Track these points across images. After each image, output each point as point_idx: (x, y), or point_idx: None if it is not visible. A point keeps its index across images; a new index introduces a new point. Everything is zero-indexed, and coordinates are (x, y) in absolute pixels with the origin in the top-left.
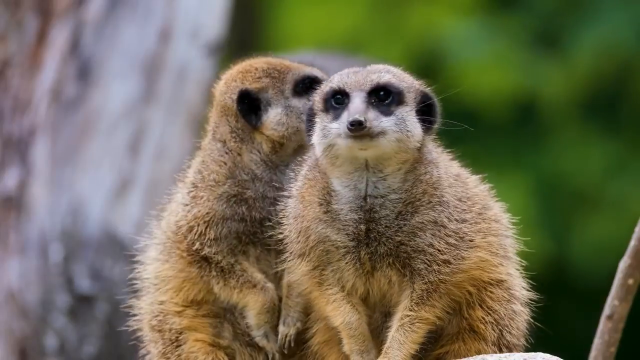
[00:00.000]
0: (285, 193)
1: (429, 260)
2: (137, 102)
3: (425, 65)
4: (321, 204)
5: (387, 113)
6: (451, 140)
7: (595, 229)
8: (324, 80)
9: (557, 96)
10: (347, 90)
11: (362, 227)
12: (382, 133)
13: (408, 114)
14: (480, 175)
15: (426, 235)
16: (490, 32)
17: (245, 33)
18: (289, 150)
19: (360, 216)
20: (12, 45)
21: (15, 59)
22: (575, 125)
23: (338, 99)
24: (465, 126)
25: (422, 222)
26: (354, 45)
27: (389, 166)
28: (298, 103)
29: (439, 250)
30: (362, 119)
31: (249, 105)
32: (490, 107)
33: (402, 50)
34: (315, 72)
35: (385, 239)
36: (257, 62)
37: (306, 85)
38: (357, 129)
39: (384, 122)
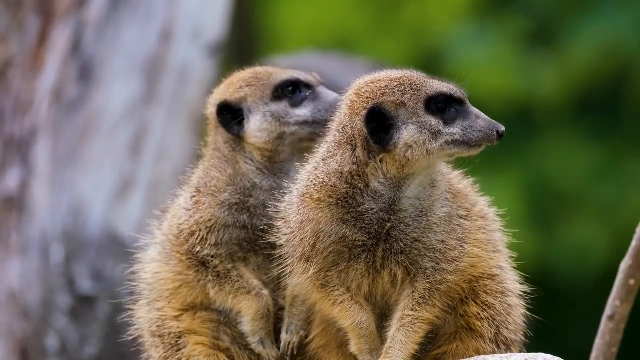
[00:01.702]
0: (289, 196)
1: (438, 259)
2: (138, 103)
3: (420, 65)
4: (344, 206)
5: None
6: None
7: (578, 230)
8: (307, 82)
9: (553, 96)
10: (464, 98)
11: (389, 224)
12: None
13: None
14: (462, 170)
15: (440, 230)
16: (486, 33)
17: (241, 33)
18: (282, 156)
19: (390, 216)
20: (14, 46)
21: (16, 60)
22: (571, 126)
23: (447, 105)
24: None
25: (439, 218)
26: (347, 44)
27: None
28: (278, 108)
29: (449, 248)
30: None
31: (233, 116)
32: (487, 107)
33: (398, 47)
34: (297, 75)
35: (403, 236)
36: (243, 73)
37: (288, 89)
38: (499, 138)
39: None
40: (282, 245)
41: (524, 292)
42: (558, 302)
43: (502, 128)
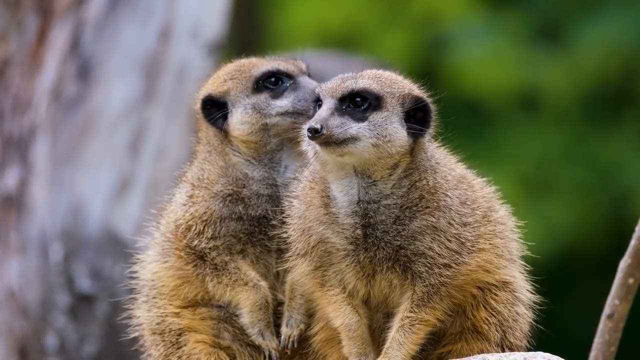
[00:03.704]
0: (290, 193)
1: (429, 264)
2: (137, 102)
3: (425, 59)
4: (321, 206)
5: (360, 119)
6: (452, 135)
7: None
8: (288, 72)
9: (557, 93)
10: (321, 96)
11: (359, 232)
12: (354, 139)
13: (385, 119)
14: (486, 178)
15: (425, 240)
16: (492, 28)
17: (247, 32)
18: (269, 147)
19: (355, 221)
20: (13, 45)
21: (15, 59)
22: (574, 122)
23: (317, 105)
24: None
25: (421, 227)
26: (354, 38)
27: (376, 171)
28: (258, 100)
29: (438, 254)
30: (317, 126)
31: (219, 110)
32: (491, 102)
33: (403, 43)
34: (278, 65)
35: (384, 243)
36: (228, 67)
37: (269, 81)
38: (314, 136)
39: (353, 129)
40: (287, 239)
41: (534, 302)
42: (557, 302)
43: (311, 125)
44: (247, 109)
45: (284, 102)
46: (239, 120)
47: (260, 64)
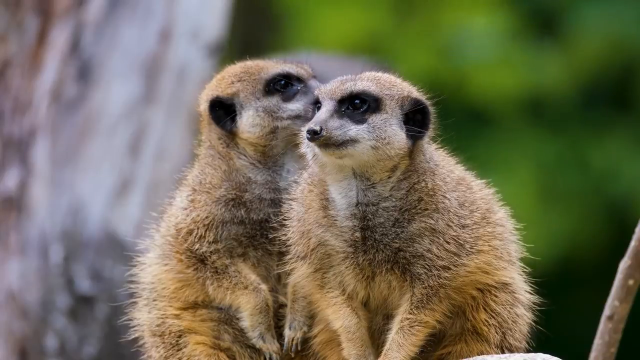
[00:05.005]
0: (290, 196)
1: (428, 265)
2: (137, 103)
3: (445, 69)
4: (320, 208)
5: (359, 121)
6: (461, 141)
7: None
8: (299, 75)
9: (559, 89)
10: (320, 98)
11: (358, 234)
12: (353, 141)
13: (385, 122)
14: (485, 180)
15: (424, 242)
16: (490, 28)
17: (247, 33)
18: (276, 150)
19: (354, 223)
20: (13, 46)
21: (15, 60)
22: (578, 118)
23: (316, 107)
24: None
25: (420, 229)
26: (374, 47)
27: (375, 174)
28: (269, 102)
29: (437, 256)
30: (317, 128)
31: (226, 112)
32: (494, 106)
33: (423, 54)
34: (288, 68)
35: (383, 246)
36: (234, 68)
37: (279, 84)
38: (313, 137)
39: (352, 131)
40: (286, 242)
41: (533, 303)
42: (557, 303)
43: (310, 127)
44: (259, 112)
45: (296, 106)
46: (249, 122)
47: (270, 67)
